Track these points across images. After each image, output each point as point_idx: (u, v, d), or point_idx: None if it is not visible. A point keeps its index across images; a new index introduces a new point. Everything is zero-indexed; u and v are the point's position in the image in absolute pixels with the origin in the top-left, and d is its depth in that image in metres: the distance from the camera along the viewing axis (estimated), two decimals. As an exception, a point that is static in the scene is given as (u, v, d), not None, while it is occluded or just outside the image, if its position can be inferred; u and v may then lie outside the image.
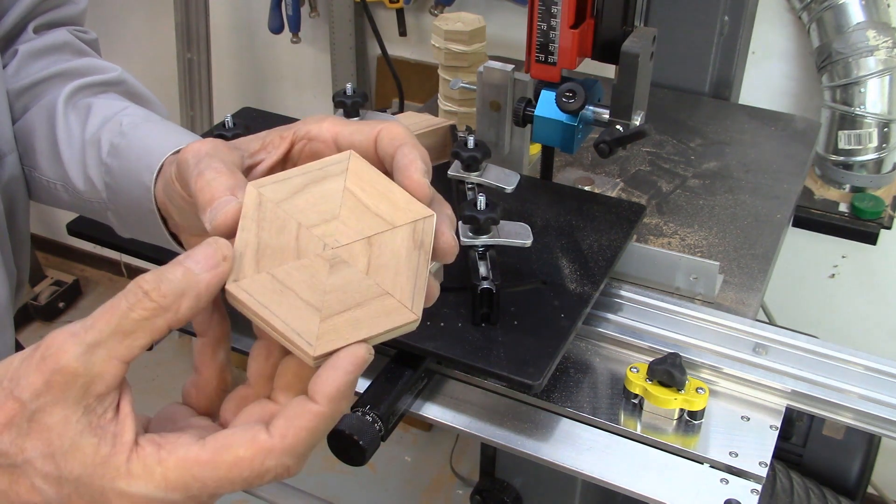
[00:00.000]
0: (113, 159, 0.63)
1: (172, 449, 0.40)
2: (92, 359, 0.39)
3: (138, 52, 2.27)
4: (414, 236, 0.45)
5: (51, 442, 0.39)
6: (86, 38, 0.78)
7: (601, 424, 0.86)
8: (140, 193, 0.60)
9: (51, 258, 2.90)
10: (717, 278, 1.00)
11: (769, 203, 1.19)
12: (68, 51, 0.74)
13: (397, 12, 1.82)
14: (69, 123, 0.67)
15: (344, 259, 0.43)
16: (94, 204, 0.67)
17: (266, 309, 0.42)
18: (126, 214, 0.64)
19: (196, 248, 0.42)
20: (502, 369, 0.81)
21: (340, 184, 0.46)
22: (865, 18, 1.38)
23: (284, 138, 0.50)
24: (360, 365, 0.41)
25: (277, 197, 0.45)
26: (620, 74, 0.98)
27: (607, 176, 1.25)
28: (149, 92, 0.77)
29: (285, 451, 0.40)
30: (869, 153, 1.43)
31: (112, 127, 0.65)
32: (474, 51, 1.22)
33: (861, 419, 0.86)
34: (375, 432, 0.80)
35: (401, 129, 0.47)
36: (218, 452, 0.40)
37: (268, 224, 0.44)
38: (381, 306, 0.43)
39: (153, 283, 0.40)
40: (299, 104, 2.16)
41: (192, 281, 0.40)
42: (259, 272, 0.42)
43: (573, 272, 0.94)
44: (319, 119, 0.50)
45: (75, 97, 0.69)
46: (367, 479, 2.18)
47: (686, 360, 0.88)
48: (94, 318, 0.40)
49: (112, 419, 0.40)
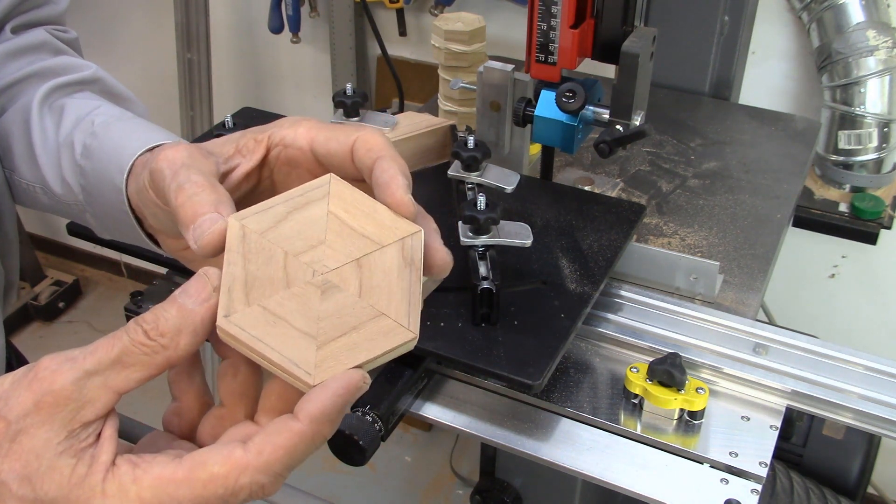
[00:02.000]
0: (86, 160, 0.63)
1: (148, 468, 0.39)
2: (86, 385, 0.39)
3: (138, 52, 2.27)
4: (403, 254, 0.44)
5: (28, 463, 0.38)
6: (65, 37, 0.76)
7: (601, 424, 0.86)
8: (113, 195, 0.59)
9: (51, 258, 2.90)
10: (717, 278, 1.00)
11: (769, 203, 1.19)
12: (45, 50, 0.73)
13: (397, 12, 1.82)
14: (44, 125, 0.66)
15: (335, 283, 0.43)
16: (71, 207, 0.66)
17: (260, 342, 0.41)
18: (103, 216, 0.63)
19: (189, 283, 0.41)
20: (502, 369, 0.81)
21: (324, 208, 0.45)
22: (865, 18, 1.38)
23: (259, 142, 0.49)
24: (352, 390, 0.40)
25: (261, 227, 0.44)
26: (620, 74, 0.98)
27: (607, 176, 1.25)
28: (125, 89, 0.75)
29: (259, 469, 0.39)
30: (869, 153, 1.43)
31: (84, 127, 0.64)
32: (474, 51, 1.22)
33: (861, 419, 0.86)
34: (375, 432, 0.80)
35: (377, 140, 0.46)
36: (192, 470, 0.39)
37: (254, 256, 0.43)
38: (377, 328, 0.42)
39: (151, 323, 0.40)
40: (299, 104, 2.16)
41: (187, 317, 0.40)
42: (250, 305, 0.42)
43: (573, 272, 0.94)
44: (295, 123, 0.49)
45: (50, 98, 0.68)
46: (367, 479, 2.18)
47: (686, 360, 0.88)
48: (95, 346, 0.40)
49: (93, 443, 0.40)
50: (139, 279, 2.77)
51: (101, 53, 2.28)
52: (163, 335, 0.40)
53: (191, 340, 0.41)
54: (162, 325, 0.40)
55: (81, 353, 0.40)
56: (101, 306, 2.79)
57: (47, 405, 0.38)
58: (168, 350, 0.40)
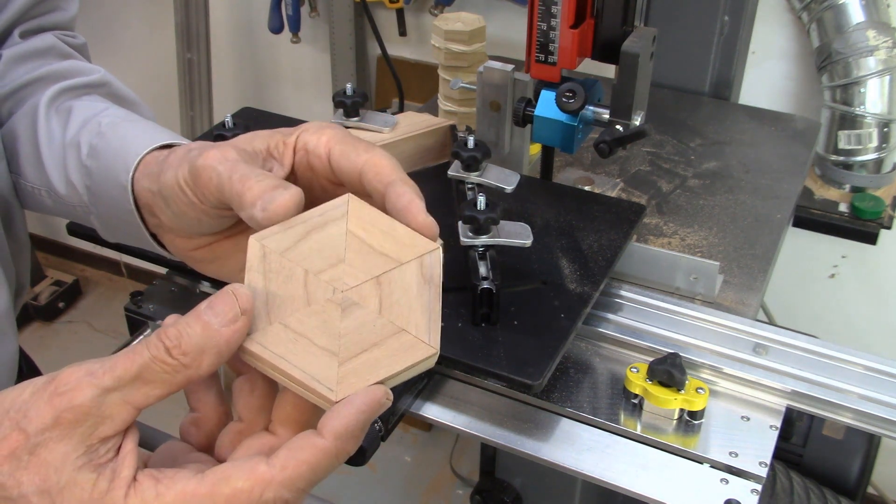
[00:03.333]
0: (92, 161, 0.63)
1: (170, 484, 0.39)
2: (105, 401, 0.39)
3: (138, 52, 2.27)
4: (422, 270, 0.45)
5: (47, 477, 0.38)
6: (74, 42, 0.77)
7: (601, 424, 0.86)
8: (118, 193, 0.60)
9: (51, 258, 2.90)
10: (717, 278, 1.00)
11: (769, 203, 1.19)
12: (52, 55, 0.73)
13: (397, 12, 1.82)
14: (50, 127, 0.67)
15: (355, 301, 0.43)
16: (76, 208, 0.66)
17: (283, 360, 0.41)
18: (107, 217, 0.63)
19: (215, 298, 0.41)
20: (502, 369, 0.81)
21: (342, 227, 0.46)
22: (865, 18, 1.38)
23: (288, 145, 0.50)
24: (375, 406, 0.40)
25: (281, 247, 0.44)
26: (620, 74, 0.98)
27: (607, 176, 1.25)
28: (133, 93, 0.76)
29: (283, 484, 0.39)
30: (869, 153, 1.43)
31: (91, 128, 0.64)
32: (474, 51, 1.22)
33: (861, 419, 0.86)
34: (375, 432, 0.80)
35: (386, 164, 0.47)
36: (216, 485, 0.39)
37: (274, 275, 0.43)
38: (398, 344, 0.42)
39: (174, 340, 0.39)
40: (299, 104, 2.16)
41: (212, 337, 0.40)
42: (271, 324, 0.42)
43: (573, 272, 0.94)
44: (319, 130, 0.50)
45: (57, 100, 0.69)
46: (367, 479, 2.18)
47: (686, 360, 0.88)
48: (115, 360, 0.40)
49: (112, 458, 0.40)
50: (139, 279, 2.77)
51: (101, 53, 2.28)
52: (185, 354, 0.39)
53: (214, 361, 0.40)
54: (185, 344, 0.39)
55: (101, 367, 0.39)
56: (101, 306, 2.79)
57: (67, 421, 0.38)
58: (189, 370, 0.40)
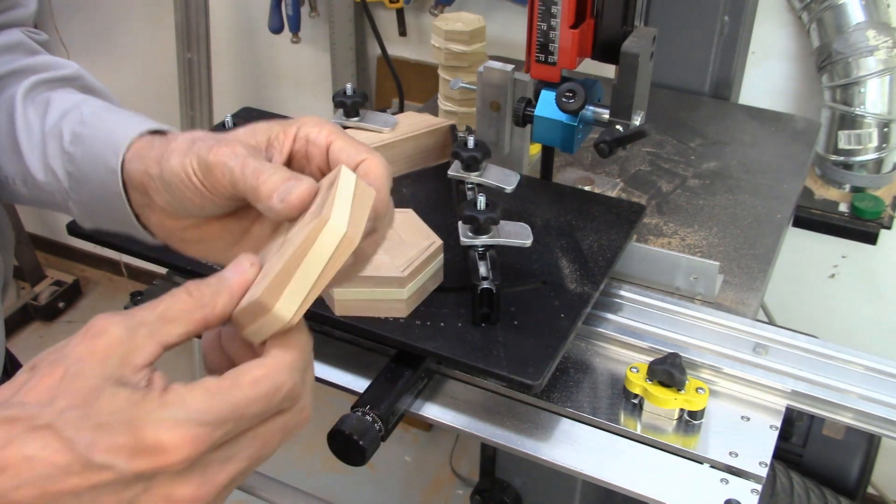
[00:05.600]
0: (76, 147, 0.65)
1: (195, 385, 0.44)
2: (134, 334, 0.44)
3: (138, 52, 2.27)
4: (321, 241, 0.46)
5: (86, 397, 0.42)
6: (38, 38, 0.78)
7: (601, 424, 0.86)
8: (104, 176, 0.62)
9: (51, 258, 2.90)
10: (717, 278, 1.00)
11: (769, 203, 1.19)
12: (21, 50, 0.75)
13: (397, 12, 1.82)
14: (28, 117, 0.68)
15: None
16: (54, 195, 0.68)
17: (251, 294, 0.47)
18: (88, 201, 0.66)
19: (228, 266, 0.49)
20: (502, 369, 0.81)
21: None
22: (865, 18, 1.38)
23: (288, 135, 0.55)
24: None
25: None
26: (620, 74, 0.98)
27: (607, 176, 1.25)
28: (105, 88, 0.78)
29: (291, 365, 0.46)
30: (869, 153, 1.43)
31: (73, 117, 0.67)
32: (474, 51, 1.22)
33: (861, 419, 0.86)
34: (375, 432, 0.80)
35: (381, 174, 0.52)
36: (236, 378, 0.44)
37: None
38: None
39: (194, 285, 0.47)
40: (299, 104, 2.16)
41: (224, 283, 0.48)
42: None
43: (573, 272, 0.94)
44: (319, 123, 0.55)
45: (33, 92, 0.70)
46: (367, 479, 2.18)
47: (686, 360, 0.88)
48: (141, 307, 0.46)
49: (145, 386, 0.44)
50: (139, 279, 2.77)
51: (101, 53, 2.28)
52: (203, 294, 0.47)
53: (227, 301, 0.47)
54: (203, 287, 0.47)
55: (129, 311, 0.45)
56: (101, 306, 2.79)
57: (101, 349, 0.43)
58: (206, 308, 0.46)
